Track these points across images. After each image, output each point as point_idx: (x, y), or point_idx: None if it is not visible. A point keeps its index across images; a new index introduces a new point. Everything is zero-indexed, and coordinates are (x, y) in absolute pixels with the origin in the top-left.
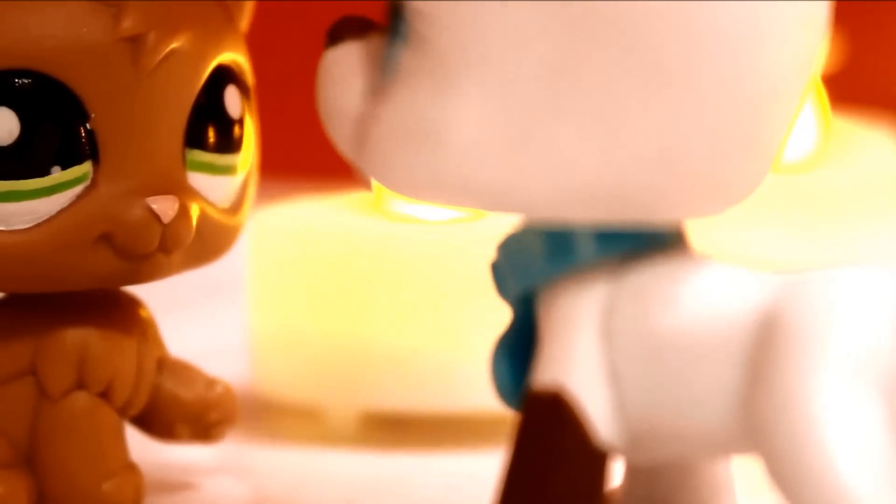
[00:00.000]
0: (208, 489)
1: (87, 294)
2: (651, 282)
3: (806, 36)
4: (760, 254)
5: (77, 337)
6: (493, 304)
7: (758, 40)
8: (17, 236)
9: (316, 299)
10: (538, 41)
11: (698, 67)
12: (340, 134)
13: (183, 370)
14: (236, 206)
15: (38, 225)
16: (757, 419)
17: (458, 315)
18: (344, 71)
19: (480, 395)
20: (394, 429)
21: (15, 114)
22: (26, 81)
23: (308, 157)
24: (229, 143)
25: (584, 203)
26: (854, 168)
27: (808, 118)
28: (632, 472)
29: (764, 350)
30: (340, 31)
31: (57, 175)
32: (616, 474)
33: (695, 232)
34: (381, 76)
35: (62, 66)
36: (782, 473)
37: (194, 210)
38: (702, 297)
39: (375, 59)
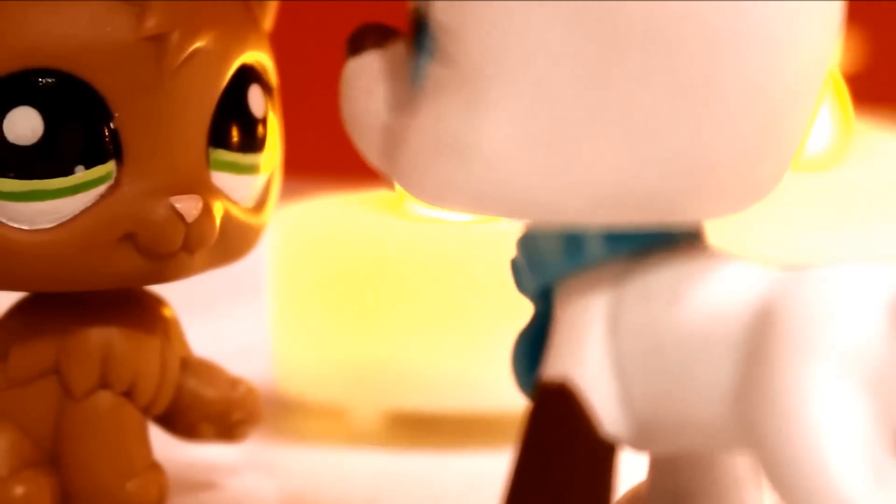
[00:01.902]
0: (232, 488)
1: (110, 294)
2: (658, 278)
3: (825, 36)
4: (781, 252)
5: (101, 336)
6: (515, 303)
7: (781, 42)
8: (40, 236)
9: (338, 298)
10: (565, 52)
11: (723, 71)
12: (367, 144)
13: (206, 370)
14: (260, 206)
15: (62, 224)
16: (750, 415)
17: (481, 314)
18: (368, 82)
19: (503, 394)
20: (416, 428)
21: (39, 113)
22: (50, 81)
23: (331, 157)
24: (253, 143)
25: (615, 208)
26: (874, 167)
27: (829, 117)
28: (655, 466)
29: (758, 346)
30: (362, 40)
31: (80, 174)
32: (641, 469)
33: (717, 230)
34: (408, 88)
35: (86, 65)
36: (773, 470)
37: (218, 209)
38: (702, 293)
39: (400, 70)
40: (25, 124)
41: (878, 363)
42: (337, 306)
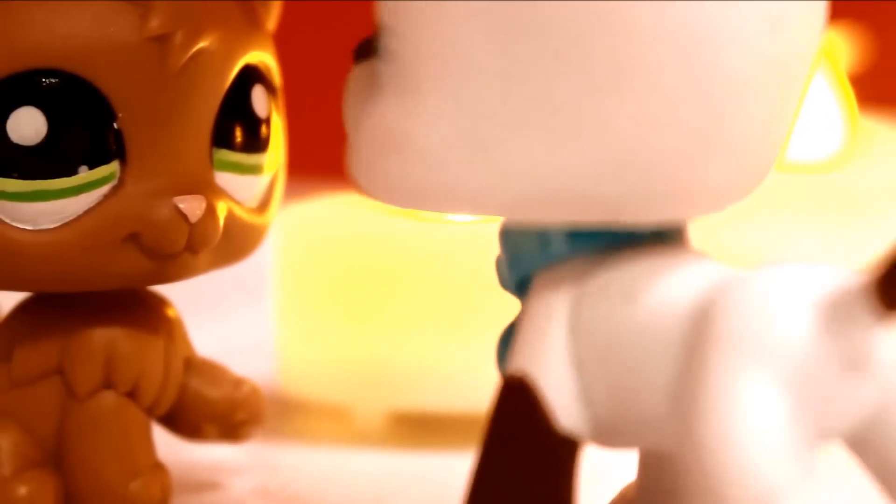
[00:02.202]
0: (235, 488)
1: (114, 294)
2: (615, 276)
3: (776, 35)
4: (784, 253)
5: (104, 337)
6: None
7: (711, 41)
8: (44, 236)
9: (342, 298)
10: (488, 51)
11: (649, 70)
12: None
13: (210, 370)
14: (263, 206)
15: (66, 224)
16: (682, 411)
17: (484, 314)
18: (357, 89)
19: None
20: (420, 428)
21: (42, 113)
22: (53, 81)
23: (334, 157)
24: (256, 143)
25: (549, 205)
26: (880, 167)
27: (835, 118)
28: (642, 464)
29: (695, 342)
30: (365, 49)
31: (84, 174)
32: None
33: (717, 231)
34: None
35: (89, 65)
36: (699, 466)
37: (221, 209)
38: (655, 291)
39: (371, 75)
40: (29, 124)
41: (804, 362)
42: (340, 306)
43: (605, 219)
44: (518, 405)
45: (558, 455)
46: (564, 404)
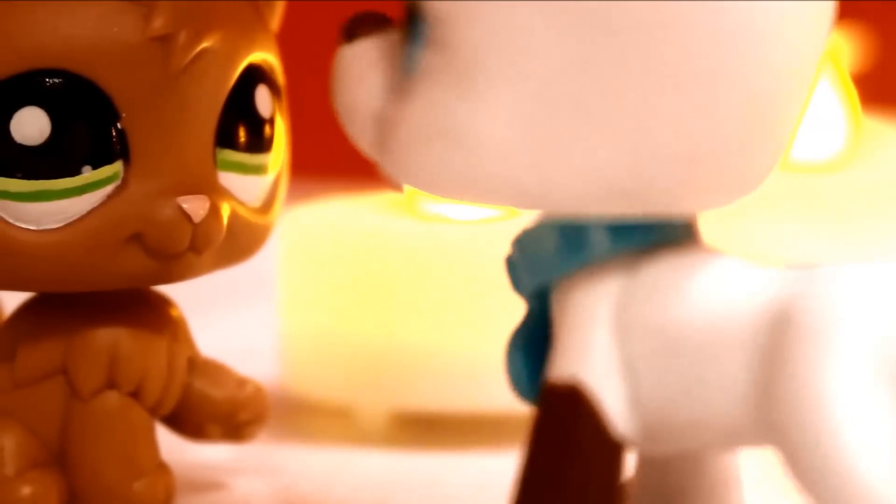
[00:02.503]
0: (239, 489)
1: (117, 294)
2: (664, 276)
3: (815, 31)
4: (790, 252)
5: (108, 337)
6: (523, 303)
7: (766, 36)
8: (47, 236)
9: (346, 299)
10: (558, 41)
11: (714, 63)
12: (360, 131)
13: (214, 370)
14: (267, 206)
15: (69, 225)
16: (772, 414)
17: (488, 314)
18: (361, 68)
19: (511, 394)
20: (424, 428)
21: (46, 113)
22: (57, 81)
23: (338, 157)
24: (260, 143)
25: (608, 198)
26: (884, 167)
27: (839, 118)
28: (644, 464)
29: (777, 345)
30: (356, 28)
31: (87, 175)
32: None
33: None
34: (402, 75)
35: (93, 65)
36: (800, 468)
37: (225, 210)
38: (713, 292)
39: (394, 57)
40: (32, 124)
41: None
42: (344, 307)
43: (650, 211)
44: (569, 411)
45: (610, 460)
46: (618, 409)
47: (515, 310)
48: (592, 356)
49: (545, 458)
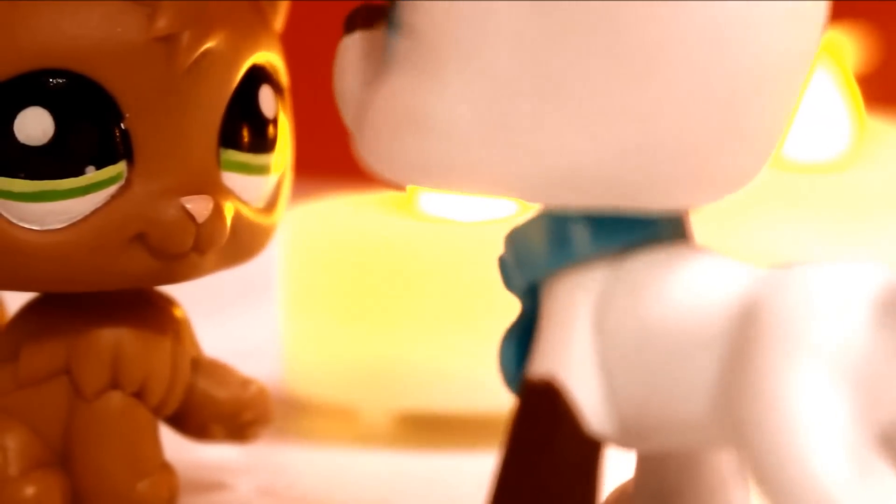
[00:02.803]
0: (242, 489)
1: (121, 294)
2: (643, 275)
3: (795, 29)
4: (794, 253)
5: (111, 337)
6: (521, 305)
7: (740, 29)
8: (51, 236)
9: (349, 299)
10: (523, 25)
11: (677, 58)
12: (348, 121)
13: (217, 370)
14: (270, 206)
15: (73, 225)
16: (734, 413)
17: (491, 315)
18: (351, 59)
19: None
20: (427, 429)
21: (49, 113)
22: (60, 81)
23: (342, 157)
24: (263, 143)
25: (572, 188)
26: (888, 167)
27: (842, 118)
28: (642, 464)
29: (741, 343)
30: (355, 20)
31: (91, 175)
32: (628, 467)
33: (725, 229)
34: (381, 64)
35: (96, 65)
36: (757, 467)
37: (229, 210)
38: (688, 289)
39: (378, 48)
40: (36, 125)
41: (861, 360)
42: (347, 307)
43: (623, 204)
44: (544, 408)
45: (586, 458)
46: (593, 406)
47: (517, 310)
48: (570, 353)
49: (520, 455)
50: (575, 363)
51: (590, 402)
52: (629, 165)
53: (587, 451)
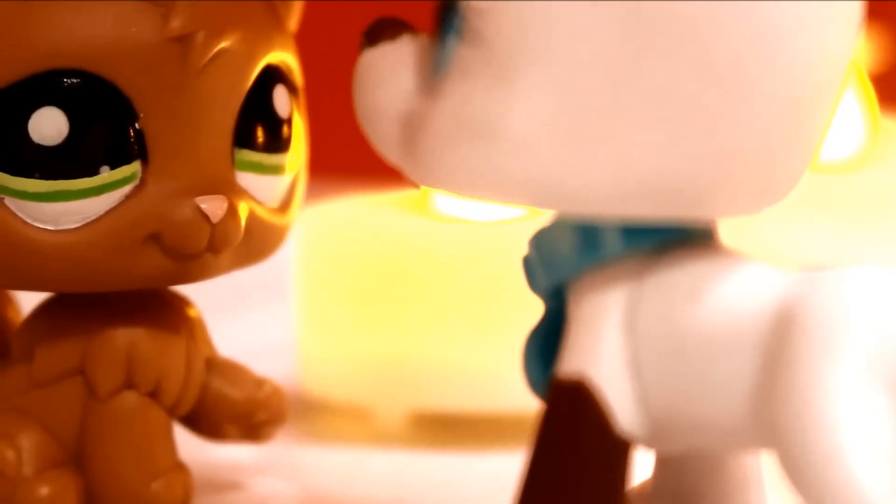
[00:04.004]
0: (257, 489)
1: (135, 294)
2: (675, 276)
3: (847, 34)
4: (807, 253)
5: (126, 337)
6: (539, 302)
7: (808, 39)
8: (65, 236)
9: (363, 299)
10: (597, 38)
11: (751, 67)
12: (381, 136)
13: (231, 370)
14: (285, 206)
15: (87, 225)
16: (771, 416)
17: (505, 314)
18: (385, 72)
19: (528, 394)
20: (441, 428)
21: (64, 113)
22: (75, 81)
23: (356, 157)
24: (278, 143)
25: (642, 200)
26: None
27: (856, 118)
28: (661, 464)
29: (780, 345)
30: (377, 33)
31: (105, 175)
32: (646, 467)
33: (741, 230)
34: (432, 75)
35: (111, 65)
36: (795, 468)
37: (243, 210)
38: (722, 292)
39: (420, 59)
40: (51, 125)
41: None
42: (361, 306)
43: (690, 214)
44: (574, 407)
45: (616, 458)
46: (623, 406)
47: (533, 310)
48: (601, 353)
49: (550, 454)
50: (605, 363)
51: (620, 401)
52: (702, 174)
53: (616, 452)
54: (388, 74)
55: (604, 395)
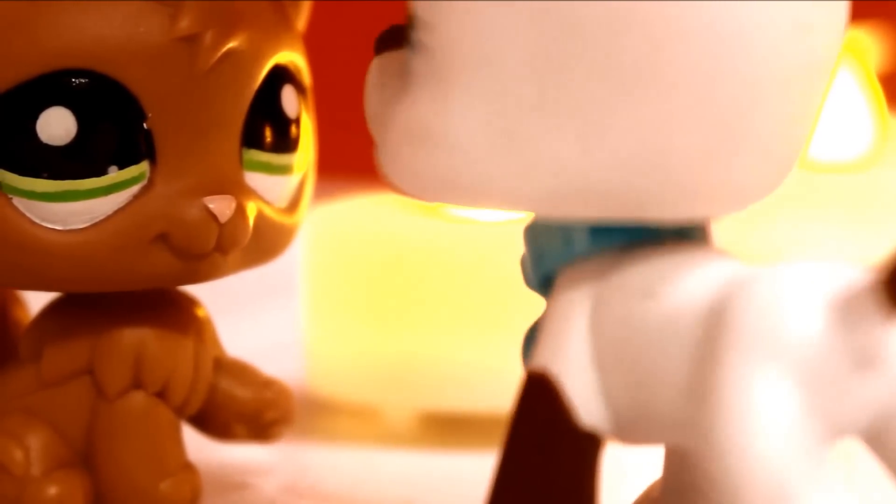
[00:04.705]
0: (264, 488)
1: (143, 294)
2: (638, 272)
3: (803, 40)
4: (814, 252)
5: (134, 337)
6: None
7: (738, 42)
8: (74, 236)
9: (371, 299)
10: (524, 44)
11: (678, 70)
12: (375, 140)
13: (239, 370)
14: (293, 206)
15: (95, 225)
16: (695, 408)
17: (512, 313)
18: (380, 79)
19: None
20: (449, 428)
21: (72, 113)
22: (83, 81)
23: (364, 157)
24: (286, 143)
25: (581, 202)
26: None
27: (865, 118)
28: (669, 460)
29: (707, 340)
30: (385, 40)
31: (114, 175)
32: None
33: (746, 229)
34: (402, 83)
35: (119, 65)
36: (712, 464)
37: (251, 210)
38: (676, 287)
39: (402, 68)
40: (59, 125)
41: (816, 358)
42: (369, 306)
43: (630, 215)
44: (540, 401)
45: (581, 451)
46: (585, 401)
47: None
48: (565, 348)
49: (516, 447)
50: (569, 357)
51: (581, 395)
52: (637, 178)
53: (581, 445)
54: (381, 82)
55: (565, 389)
